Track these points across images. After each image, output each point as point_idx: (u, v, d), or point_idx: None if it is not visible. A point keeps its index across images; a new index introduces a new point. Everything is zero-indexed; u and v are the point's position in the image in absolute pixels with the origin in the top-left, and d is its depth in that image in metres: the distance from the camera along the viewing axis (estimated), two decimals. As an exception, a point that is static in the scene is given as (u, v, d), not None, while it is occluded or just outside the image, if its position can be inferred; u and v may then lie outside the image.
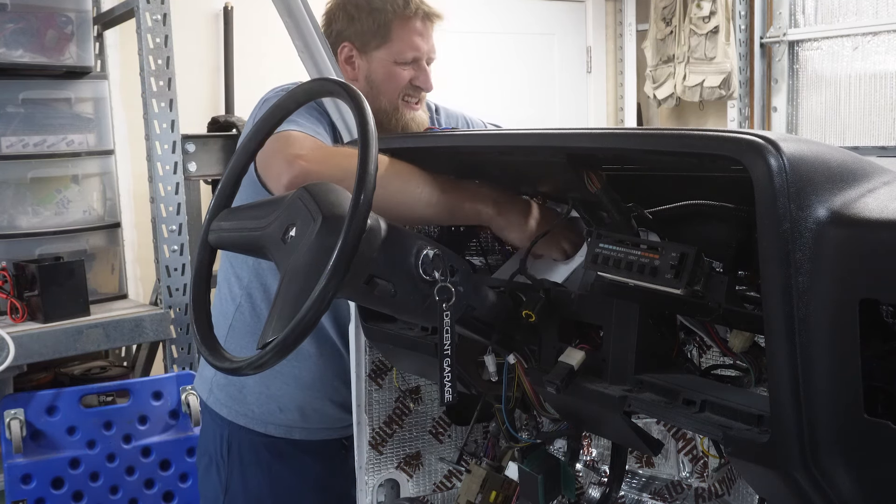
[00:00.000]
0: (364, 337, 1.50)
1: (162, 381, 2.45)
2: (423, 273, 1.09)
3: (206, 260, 1.20)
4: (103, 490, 2.36)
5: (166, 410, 2.44)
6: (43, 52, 2.48)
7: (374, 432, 1.55)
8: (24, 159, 2.48)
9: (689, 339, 1.26)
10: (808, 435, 0.85)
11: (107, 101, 2.66)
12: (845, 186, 0.88)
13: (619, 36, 4.67)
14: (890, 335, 0.89)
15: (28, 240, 2.49)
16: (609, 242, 1.09)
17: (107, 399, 2.43)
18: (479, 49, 4.20)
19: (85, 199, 2.62)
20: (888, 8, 3.74)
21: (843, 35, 3.90)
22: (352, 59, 1.71)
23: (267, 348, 0.97)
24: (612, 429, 1.21)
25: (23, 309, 2.31)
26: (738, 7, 4.00)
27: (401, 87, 1.69)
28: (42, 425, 2.29)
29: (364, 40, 1.69)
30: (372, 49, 1.69)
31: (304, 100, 1.18)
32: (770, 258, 0.84)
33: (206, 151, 2.84)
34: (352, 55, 1.71)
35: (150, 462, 2.42)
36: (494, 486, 1.45)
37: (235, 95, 3.49)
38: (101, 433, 2.36)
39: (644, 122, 4.69)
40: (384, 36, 1.68)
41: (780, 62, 4.11)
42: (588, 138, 1.11)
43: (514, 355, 1.25)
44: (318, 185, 1.10)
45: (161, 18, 2.46)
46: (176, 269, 2.55)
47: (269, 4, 1.53)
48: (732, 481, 1.41)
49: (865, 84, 3.87)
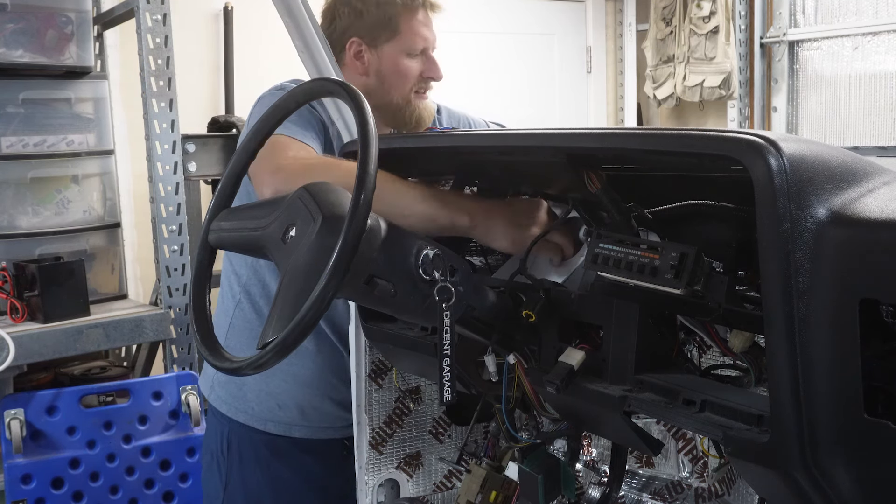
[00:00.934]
0: (364, 337, 1.50)
1: (162, 381, 2.45)
2: (423, 273, 1.09)
3: (206, 260, 1.20)
4: (103, 490, 2.36)
5: (166, 410, 2.44)
6: (43, 52, 2.48)
7: (374, 432, 1.55)
8: (24, 159, 2.48)
9: (689, 339, 1.26)
10: (808, 435, 0.85)
11: (107, 101, 2.66)
12: (845, 186, 0.88)
13: (619, 36, 4.67)
14: (890, 335, 0.89)
15: (28, 240, 2.49)
16: (609, 242, 1.08)
17: (107, 399, 2.43)
18: (479, 49, 4.20)
19: (85, 199, 2.62)
20: (888, 8, 3.74)
21: (843, 35, 3.90)
22: (361, 55, 1.70)
23: (267, 348, 0.97)
24: (612, 429, 1.21)
25: (23, 309, 2.31)
26: (738, 7, 4.00)
27: (412, 81, 1.70)
28: (42, 425, 2.29)
29: (374, 34, 1.69)
30: (382, 42, 1.69)
31: (304, 100, 1.18)
32: (770, 258, 0.84)
33: (206, 151, 2.84)
34: (361, 50, 1.70)
35: (150, 462, 2.42)
36: (494, 486, 1.45)
37: (235, 95, 3.49)
38: (101, 433, 2.36)
39: (644, 122, 4.69)
40: (394, 28, 1.68)
41: (780, 62, 4.11)
42: (588, 138, 1.11)
43: (514, 355, 1.25)
44: (318, 185, 1.10)
45: (161, 18, 2.46)
46: (176, 269, 2.55)
47: (269, 4, 1.53)
48: (732, 481, 1.41)
49: (865, 84, 3.87)
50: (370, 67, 1.70)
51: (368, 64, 1.70)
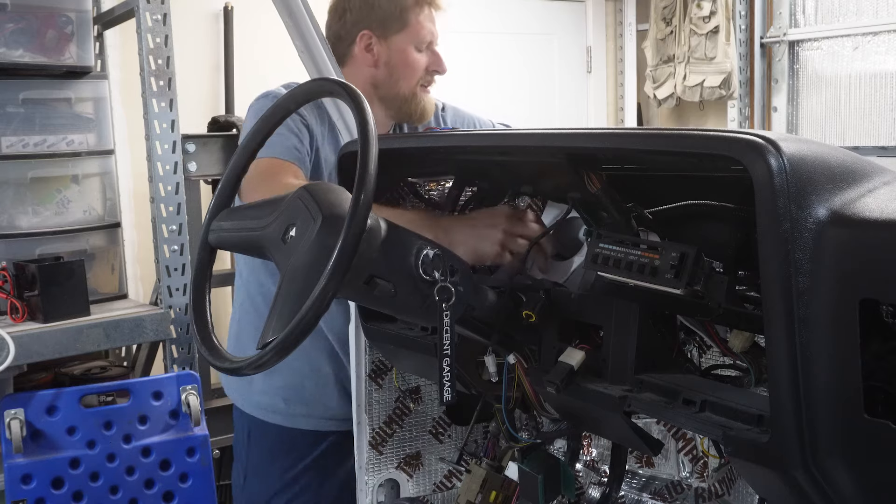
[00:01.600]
0: (364, 337, 1.50)
1: (162, 381, 2.45)
2: (423, 273, 1.09)
3: (206, 260, 1.20)
4: (103, 490, 2.36)
5: (166, 410, 2.43)
6: (43, 52, 2.48)
7: (374, 432, 1.55)
8: (24, 159, 2.48)
9: (689, 339, 1.26)
10: (808, 435, 0.85)
11: (107, 101, 2.65)
12: (845, 186, 0.88)
13: (619, 36, 4.67)
14: (890, 335, 0.89)
15: (28, 240, 2.49)
16: (609, 242, 1.08)
17: (107, 399, 2.42)
18: (479, 49, 4.19)
19: (85, 199, 2.62)
20: (888, 8, 3.74)
21: (843, 35, 3.90)
22: (371, 47, 1.77)
23: (267, 348, 0.97)
24: (612, 429, 1.21)
25: (23, 309, 2.31)
26: (738, 7, 4.00)
27: (419, 74, 1.78)
28: (42, 425, 2.28)
29: (384, 26, 1.76)
30: (392, 34, 1.76)
31: (304, 100, 1.18)
32: (770, 258, 0.84)
33: (206, 151, 2.84)
34: (371, 42, 1.77)
35: (150, 462, 2.41)
36: (494, 486, 1.45)
37: (235, 95, 3.49)
38: (101, 433, 2.36)
39: (644, 122, 4.69)
40: (404, 21, 1.76)
41: (781, 62, 4.11)
42: (588, 138, 1.11)
43: (514, 355, 1.25)
44: (318, 185, 1.10)
45: (161, 18, 2.46)
46: (176, 269, 2.54)
47: (269, 4, 1.53)
48: (732, 481, 1.41)
49: (865, 84, 3.87)
50: (380, 59, 1.77)
51: (378, 56, 1.77)
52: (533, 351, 1.24)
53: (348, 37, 1.78)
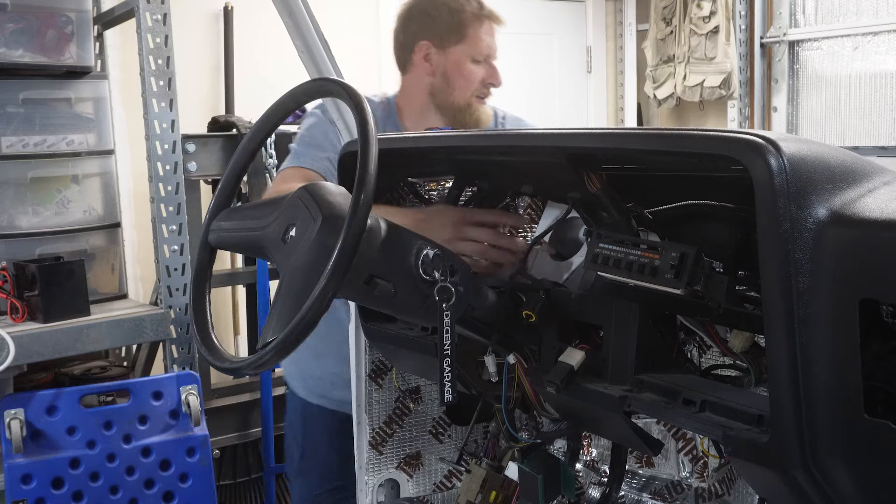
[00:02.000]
0: (364, 337, 1.50)
1: (162, 381, 2.45)
2: (423, 273, 1.09)
3: (207, 260, 1.20)
4: (103, 490, 2.36)
5: (166, 410, 2.43)
6: (43, 52, 2.48)
7: (374, 432, 1.55)
8: (24, 159, 2.48)
9: (689, 339, 1.26)
10: (808, 435, 0.85)
11: (107, 101, 2.66)
12: (845, 186, 0.88)
13: (619, 36, 4.67)
14: (890, 335, 0.89)
15: (28, 240, 2.49)
16: (609, 242, 1.08)
17: (107, 399, 2.43)
18: (479, 49, 4.19)
19: (85, 199, 2.62)
20: (888, 8, 3.74)
21: (843, 35, 3.90)
22: (429, 56, 1.86)
23: (267, 348, 0.97)
24: (612, 429, 1.21)
25: (23, 309, 2.31)
26: (738, 7, 4.00)
27: (475, 86, 1.85)
28: (42, 425, 2.28)
29: (443, 37, 1.84)
30: (450, 45, 1.84)
31: (304, 100, 1.18)
32: (770, 258, 0.84)
33: (206, 151, 2.84)
34: (429, 52, 1.85)
35: (150, 462, 2.41)
36: (494, 486, 1.45)
37: (235, 95, 3.49)
38: (101, 433, 2.36)
39: (644, 122, 4.69)
40: (461, 33, 1.84)
41: (780, 62, 4.11)
42: (588, 138, 1.11)
43: (514, 355, 1.25)
44: (318, 185, 1.10)
45: (161, 18, 2.46)
46: (176, 269, 2.54)
47: (269, 4, 1.53)
48: (732, 481, 1.41)
49: (865, 84, 3.87)
50: (437, 68, 1.86)
51: (436, 65, 1.86)
52: (533, 351, 1.24)
53: (408, 46, 1.88)
